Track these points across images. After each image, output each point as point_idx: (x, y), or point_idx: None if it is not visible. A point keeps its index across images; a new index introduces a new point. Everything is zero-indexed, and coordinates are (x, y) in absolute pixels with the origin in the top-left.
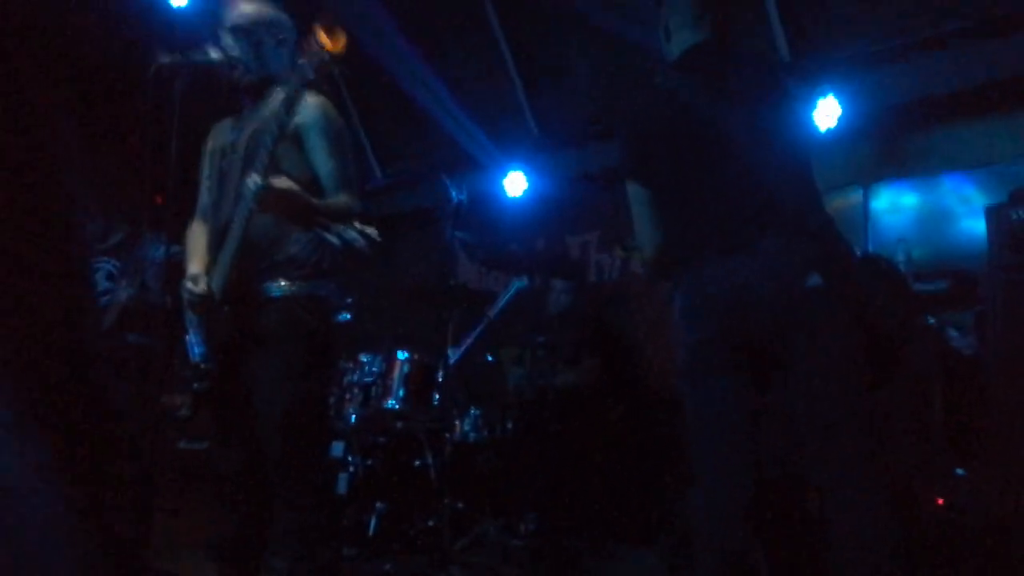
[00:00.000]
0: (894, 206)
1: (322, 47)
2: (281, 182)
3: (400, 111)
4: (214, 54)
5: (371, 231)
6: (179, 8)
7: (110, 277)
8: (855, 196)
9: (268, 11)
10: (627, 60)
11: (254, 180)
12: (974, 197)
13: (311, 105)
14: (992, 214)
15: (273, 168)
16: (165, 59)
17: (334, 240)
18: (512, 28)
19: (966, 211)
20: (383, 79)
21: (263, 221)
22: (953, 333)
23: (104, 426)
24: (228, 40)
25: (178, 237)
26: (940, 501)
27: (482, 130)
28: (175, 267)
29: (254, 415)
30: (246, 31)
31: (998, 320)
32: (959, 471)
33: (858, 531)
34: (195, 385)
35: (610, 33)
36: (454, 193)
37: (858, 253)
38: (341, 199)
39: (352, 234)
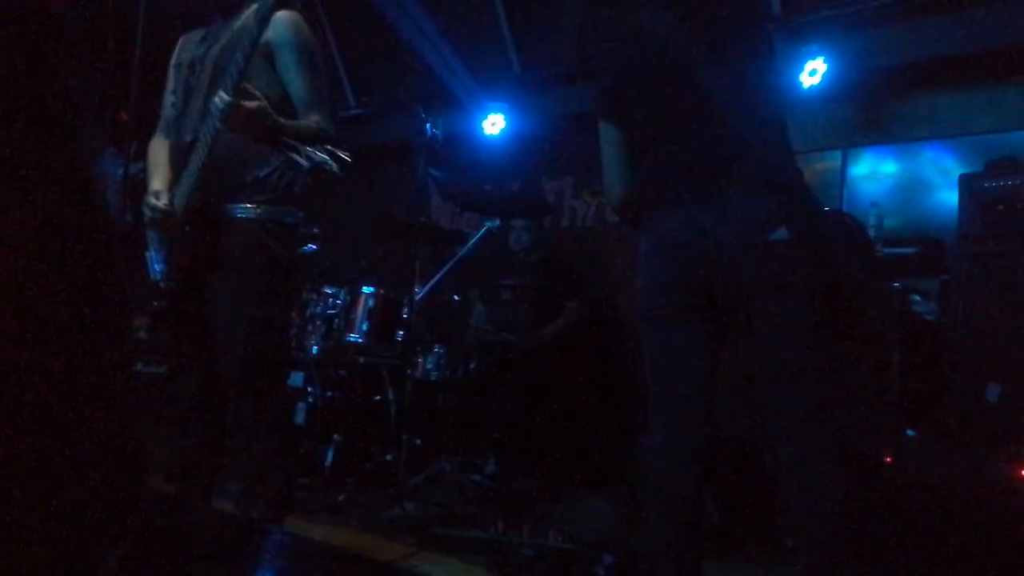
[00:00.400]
0: (872, 172)
1: None
2: (250, 100)
3: (379, 39)
4: None
5: (342, 153)
6: None
7: None
8: (833, 159)
9: None
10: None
11: (221, 97)
12: (951, 167)
13: (283, 21)
14: (965, 183)
15: (243, 85)
16: None
17: (303, 162)
18: None
19: (943, 181)
20: (363, 5)
21: (230, 140)
22: (916, 298)
23: None
24: None
25: (139, 153)
26: (888, 460)
27: (464, 66)
28: (136, 185)
29: (212, 338)
30: None
31: (961, 289)
32: (910, 432)
33: (813, 484)
34: (154, 303)
35: None
36: (429, 127)
37: (826, 209)
38: (312, 119)
39: (322, 156)
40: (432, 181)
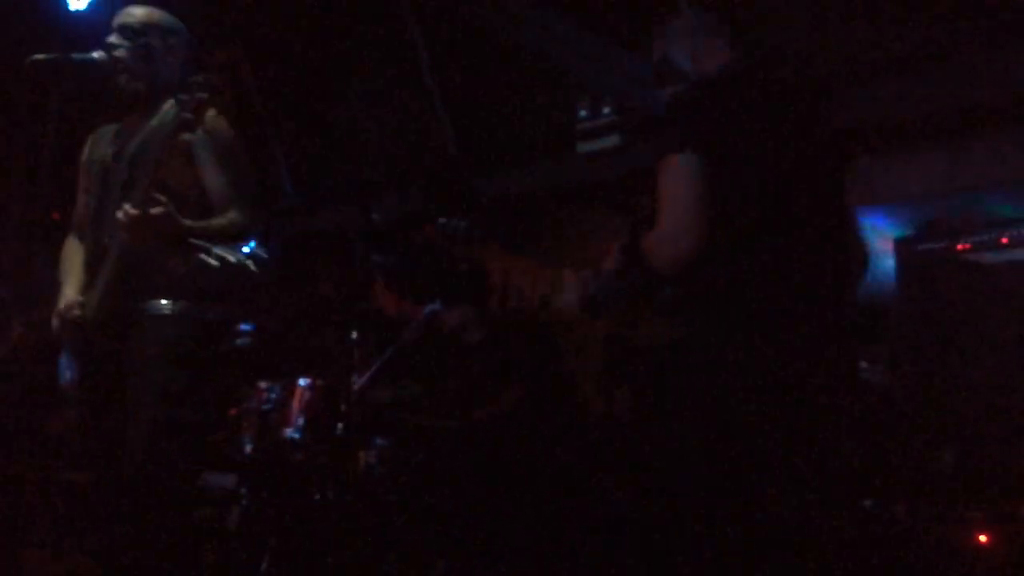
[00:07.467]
0: None
1: (215, 74)
2: (155, 209)
3: (316, 127)
4: (97, 54)
5: (261, 252)
6: (77, 12)
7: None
8: None
9: (160, 15)
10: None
11: (126, 210)
12: (886, 231)
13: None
14: (901, 246)
15: (155, 188)
16: (40, 56)
17: (214, 263)
18: (433, 44)
19: (881, 246)
20: (302, 95)
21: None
22: (863, 364)
23: None
24: (115, 40)
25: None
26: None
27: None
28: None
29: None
30: (136, 32)
31: (907, 351)
32: (867, 502)
33: None
34: (66, 410)
35: (531, 55)
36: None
37: None
38: (228, 217)
39: (239, 255)
40: (376, 267)
